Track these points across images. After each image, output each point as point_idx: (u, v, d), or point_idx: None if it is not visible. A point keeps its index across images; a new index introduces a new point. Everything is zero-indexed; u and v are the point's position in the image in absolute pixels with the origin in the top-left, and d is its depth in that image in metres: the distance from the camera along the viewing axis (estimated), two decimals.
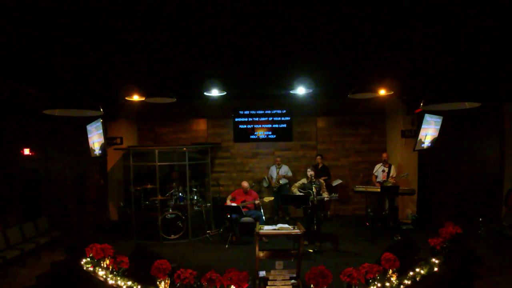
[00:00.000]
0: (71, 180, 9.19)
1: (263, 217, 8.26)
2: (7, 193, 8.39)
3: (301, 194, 7.40)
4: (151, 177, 8.65)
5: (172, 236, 8.32)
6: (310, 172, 7.53)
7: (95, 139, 8.30)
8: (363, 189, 8.77)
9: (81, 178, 9.27)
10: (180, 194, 8.76)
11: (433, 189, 9.17)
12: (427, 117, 8.29)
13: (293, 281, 5.24)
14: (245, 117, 10.85)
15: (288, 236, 6.32)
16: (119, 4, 3.64)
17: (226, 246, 7.83)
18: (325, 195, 7.46)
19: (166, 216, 8.34)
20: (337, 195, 7.72)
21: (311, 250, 7.15)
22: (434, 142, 8.78)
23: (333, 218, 10.27)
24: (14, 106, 8.10)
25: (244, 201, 8.31)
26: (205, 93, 7.81)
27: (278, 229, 5.78)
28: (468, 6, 3.76)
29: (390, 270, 4.60)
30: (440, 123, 8.60)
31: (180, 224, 8.35)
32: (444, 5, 3.76)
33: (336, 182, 10.12)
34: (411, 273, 4.66)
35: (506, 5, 3.70)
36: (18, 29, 4.18)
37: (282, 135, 10.88)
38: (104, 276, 4.73)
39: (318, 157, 10.16)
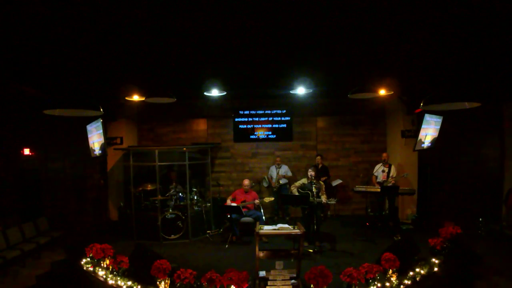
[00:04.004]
0: (71, 180, 9.20)
1: (263, 217, 8.26)
2: (7, 193, 8.40)
3: (301, 194, 7.39)
4: (151, 177, 8.65)
5: (172, 236, 8.32)
6: (310, 172, 7.51)
7: (95, 139, 8.30)
8: (363, 189, 8.77)
9: (81, 178, 9.28)
10: (180, 194, 8.76)
11: (433, 189, 9.17)
12: (427, 117, 8.29)
13: (293, 281, 5.24)
14: (245, 117, 10.86)
15: (288, 236, 6.31)
16: (119, 4, 3.64)
17: (226, 246, 7.83)
18: (323, 197, 7.43)
19: (166, 216, 8.35)
20: (335, 200, 7.68)
21: (311, 250, 7.15)
22: (434, 142, 8.78)
23: (333, 218, 10.27)
24: (14, 106, 8.10)
25: (244, 201, 8.32)
26: (205, 93, 7.81)
27: (278, 229, 5.78)
28: (468, 6, 3.76)
29: (390, 270, 4.60)
30: (440, 123, 8.60)
31: (180, 224, 8.35)
32: (444, 5, 3.76)
33: (336, 182, 10.12)
34: (411, 273, 4.67)
35: (506, 5, 3.70)
36: (18, 29, 4.18)
37: (282, 135, 10.88)
38: (104, 276, 4.73)
39: (318, 157, 10.16)
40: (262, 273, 5.42)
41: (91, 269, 4.84)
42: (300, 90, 7.81)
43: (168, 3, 3.67)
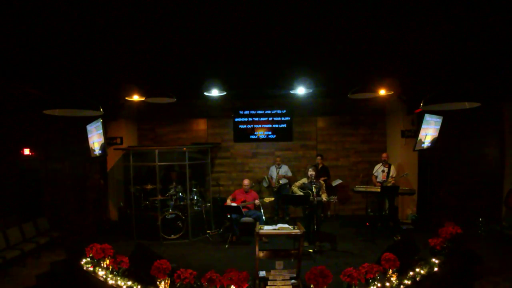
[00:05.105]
0: (71, 180, 9.18)
1: (263, 217, 8.26)
2: (7, 193, 8.39)
3: (301, 194, 7.40)
4: (151, 177, 8.64)
5: (172, 236, 8.32)
6: (310, 172, 7.52)
7: (95, 139, 8.29)
8: (363, 189, 8.78)
9: (81, 178, 9.26)
10: (180, 194, 8.76)
11: (433, 189, 9.16)
12: (427, 117, 8.28)
13: (293, 281, 5.24)
14: (245, 117, 10.86)
15: (288, 236, 6.32)
16: (119, 4, 3.64)
17: (226, 246, 7.83)
18: (324, 196, 7.44)
19: (166, 216, 8.34)
20: (336, 197, 7.70)
21: (311, 250, 7.15)
22: (434, 142, 8.78)
23: (333, 218, 10.28)
24: (14, 106, 8.10)
25: (244, 201, 8.32)
26: (205, 93, 7.81)
27: (278, 229, 5.78)
28: (468, 6, 3.76)
29: (390, 270, 4.60)
30: (440, 123, 8.59)
31: (180, 224, 8.35)
32: (444, 5, 3.76)
33: (336, 182, 10.12)
34: (411, 273, 4.66)
35: (505, 5, 3.70)
36: (18, 29, 4.18)
37: (282, 135, 10.88)
38: (104, 276, 4.73)
39: (318, 157, 10.16)
40: (262, 273, 5.42)
41: (91, 269, 4.83)
42: (300, 90, 7.81)
43: (168, 3, 3.67)
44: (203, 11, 3.88)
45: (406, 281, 4.55)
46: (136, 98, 7.83)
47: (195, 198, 9.02)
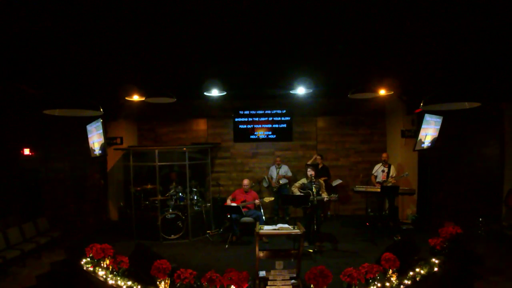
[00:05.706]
0: (71, 180, 9.19)
1: (263, 217, 8.26)
2: (7, 193, 8.40)
3: (301, 194, 7.40)
4: (151, 177, 8.65)
5: (172, 236, 8.32)
6: (310, 172, 7.52)
7: (95, 139, 8.29)
8: (363, 189, 8.77)
9: (81, 178, 9.27)
10: (180, 194, 8.76)
11: (433, 189, 9.16)
12: (427, 117, 8.28)
13: (293, 281, 5.25)
14: (245, 117, 10.86)
15: (288, 236, 6.32)
16: (119, 4, 3.64)
17: (226, 246, 7.83)
18: (325, 195, 7.46)
19: (166, 216, 8.35)
20: (337, 195, 7.71)
21: (311, 250, 7.15)
22: (434, 142, 8.77)
23: (333, 218, 10.27)
24: (14, 106, 8.10)
25: (244, 201, 8.32)
26: (205, 93, 7.81)
27: (278, 229, 5.78)
28: (468, 6, 3.76)
29: (390, 270, 4.60)
30: (440, 123, 8.59)
31: (180, 224, 8.35)
32: (444, 5, 3.77)
33: (336, 182, 10.11)
34: (411, 273, 4.66)
35: (505, 5, 3.70)
36: (18, 29, 4.18)
37: (282, 135, 10.88)
38: (104, 276, 4.72)
39: (319, 157, 10.14)
40: (262, 273, 5.42)
41: (91, 269, 4.84)
42: (300, 90, 7.81)
43: (168, 3, 3.67)
44: (203, 11, 3.88)
45: (406, 281, 4.55)
46: (136, 98, 7.83)
47: (195, 198, 9.02)
